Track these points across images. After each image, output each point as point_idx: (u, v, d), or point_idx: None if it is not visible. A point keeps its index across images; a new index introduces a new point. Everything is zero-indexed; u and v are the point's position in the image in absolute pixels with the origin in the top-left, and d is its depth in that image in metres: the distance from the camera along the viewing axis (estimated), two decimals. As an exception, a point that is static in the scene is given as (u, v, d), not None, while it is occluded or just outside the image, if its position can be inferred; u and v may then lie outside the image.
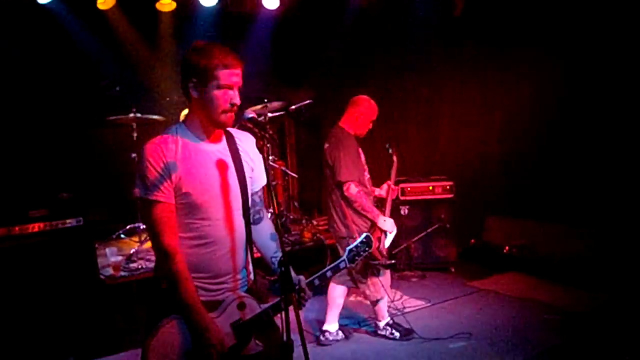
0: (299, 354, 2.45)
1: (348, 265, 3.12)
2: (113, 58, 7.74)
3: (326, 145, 5.30)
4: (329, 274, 3.03)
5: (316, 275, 2.97)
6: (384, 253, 5.17)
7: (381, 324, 5.51)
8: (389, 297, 5.53)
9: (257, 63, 8.25)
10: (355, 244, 3.16)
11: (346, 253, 3.13)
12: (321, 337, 5.45)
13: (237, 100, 2.69)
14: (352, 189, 5.04)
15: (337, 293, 5.44)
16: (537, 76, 7.46)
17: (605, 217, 6.71)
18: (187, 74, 2.70)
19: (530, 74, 7.55)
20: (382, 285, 5.27)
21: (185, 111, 6.97)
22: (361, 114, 5.31)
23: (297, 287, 2.83)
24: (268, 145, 2.69)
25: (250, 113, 2.69)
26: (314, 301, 6.17)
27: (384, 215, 5.19)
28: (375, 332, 5.58)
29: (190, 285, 2.65)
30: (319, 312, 5.88)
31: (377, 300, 5.38)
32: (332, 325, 5.50)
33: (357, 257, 3.14)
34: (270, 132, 2.66)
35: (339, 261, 3.11)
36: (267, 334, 2.84)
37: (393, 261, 5.26)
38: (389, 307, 6.03)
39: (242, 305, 2.77)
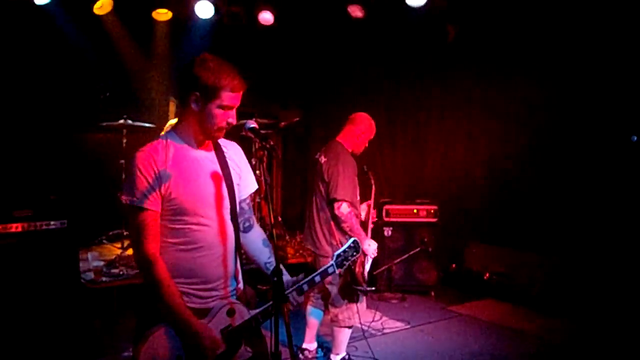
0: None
1: (336, 271, 3.11)
2: (107, 64, 7.75)
3: (323, 159, 5.10)
4: (317, 279, 3.02)
5: (305, 280, 2.97)
6: (366, 278, 5.01)
7: (337, 359, 5.22)
8: (360, 325, 5.31)
9: (248, 78, 8.30)
10: (343, 248, 3.15)
11: (334, 258, 3.12)
12: (300, 356, 5.42)
13: (234, 121, 2.76)
14: (344, 208, 4.86)
15: (315, 315, 5.42)
16: (523, 106, 7.58)
17: (585, 248, 6.80)
18: (191, 86, 2.70)
19: (516, 104, 7.66)
20: (357, 312, 5.08)
21: (171, 122, 7.01)
22: (362, 132, 5.18)
23: (289, 290, 2.87)
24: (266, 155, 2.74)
25: (251, 123, 2.75)
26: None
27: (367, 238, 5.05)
28: None
29: (173, 290, 2.66)
30: (295, 333, 5.90)
31: (345, 328, 5.12)
32: (310, 345, 5.49)
33: (345, 262, 3.13)
34: (272, 142, 2.71)
35: (327, 266, 3.09)
36: (254, 341, 2.86)
37: (373, 287, 5.12)
38: (368, 327, 6.08)
39: (231, 311, 2.78)
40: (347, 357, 5.23)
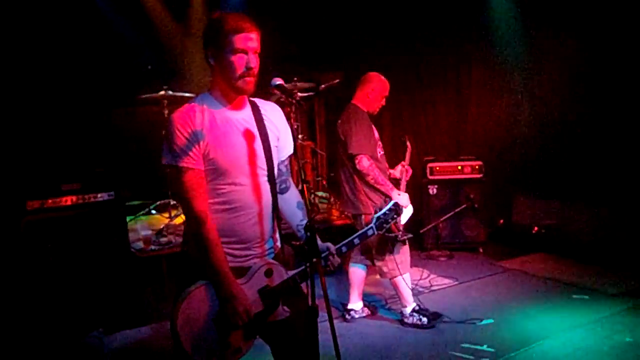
0: (325, 320, 2.49)
1: (376, 232, 3.13)
2: (145, 37, 7.82)
3: (338, 122, 5.29)
4: (356, 241, 3.05)
5: (344, 242, 2.99)
6: (400, 227, 5.05)
7: (407, 311, 5.26)
8: (409, 274, 5.29)
9: (287, 45, 8.31)
10: (383, 211, 3.17)
11: (374, 221, 3.14)
12: (347, 316, 5.46)
13: (253, 64, 2.71)
14: (364, 162, 4.96)
15: (357, 273, 5.45)
16: (566, 57, 7.35)
17: (635, 199, 6.63)
18: (205, 43, 2.76)
19: (559, 56, 7.44)
20: (401, 262, 5.11)
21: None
22: (373, 89, 5.25)
23: (325, 253, 2.88)
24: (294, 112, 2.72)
25: (277, 80, 2.72)
26: (331, 283, 6.29)
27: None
28: (401, 320, 5.32)
29: (220, 251, 2.70)
30: (338, 293, 6.01)
31: (396, 278, 5.17)
32: (356, 304, 5.51)
33: (385, 225, 3.15)
34: (297, 98, 2.69)
35: (366, 228, 3.12)
36: (293, 300, 2.88)
37: (410, 235, 5.13)
38: (415, 285, 6.07)
39: (269, 272, 2.81)
40: (417, 307, 5.27)
